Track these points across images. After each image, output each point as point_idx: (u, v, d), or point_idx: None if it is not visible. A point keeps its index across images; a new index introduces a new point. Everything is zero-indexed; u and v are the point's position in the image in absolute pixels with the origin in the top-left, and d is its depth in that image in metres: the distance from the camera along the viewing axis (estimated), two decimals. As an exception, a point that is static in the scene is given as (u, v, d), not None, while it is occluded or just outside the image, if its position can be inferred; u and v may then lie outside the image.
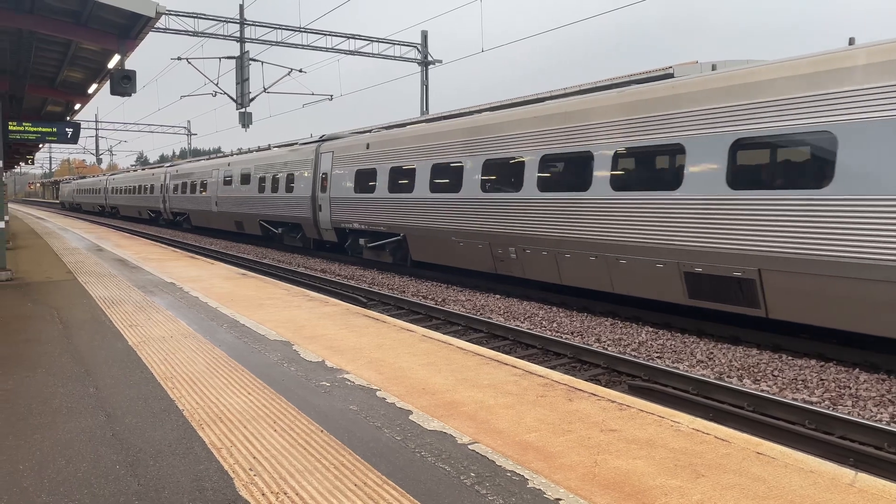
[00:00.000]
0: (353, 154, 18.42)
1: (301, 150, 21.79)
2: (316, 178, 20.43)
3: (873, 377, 7.62)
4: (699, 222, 9.11)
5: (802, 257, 7.94)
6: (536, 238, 11.92)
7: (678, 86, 9.63)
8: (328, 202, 19.56)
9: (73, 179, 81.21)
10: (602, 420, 4.18)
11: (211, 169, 29.79)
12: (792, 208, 8.05)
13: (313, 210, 20.54)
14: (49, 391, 4.82)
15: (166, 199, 36.48)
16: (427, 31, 32.74)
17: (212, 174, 29.46)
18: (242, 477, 3.37)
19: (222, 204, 28.14)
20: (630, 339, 9.65)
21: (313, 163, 20.69)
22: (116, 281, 10.90)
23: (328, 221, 19.72)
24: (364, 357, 5.79)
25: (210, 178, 29.60)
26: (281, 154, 23.32)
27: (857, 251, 7.45)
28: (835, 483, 3.25)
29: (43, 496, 3.17)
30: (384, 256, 17.68)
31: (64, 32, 11.10)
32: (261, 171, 24.50)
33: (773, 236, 8.21)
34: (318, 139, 21.57)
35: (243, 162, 26.48)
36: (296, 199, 21.54)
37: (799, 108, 8.03)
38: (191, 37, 27.60)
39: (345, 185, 18.59)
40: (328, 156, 19.85)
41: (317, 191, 20.32)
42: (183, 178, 33.59)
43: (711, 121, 9.00)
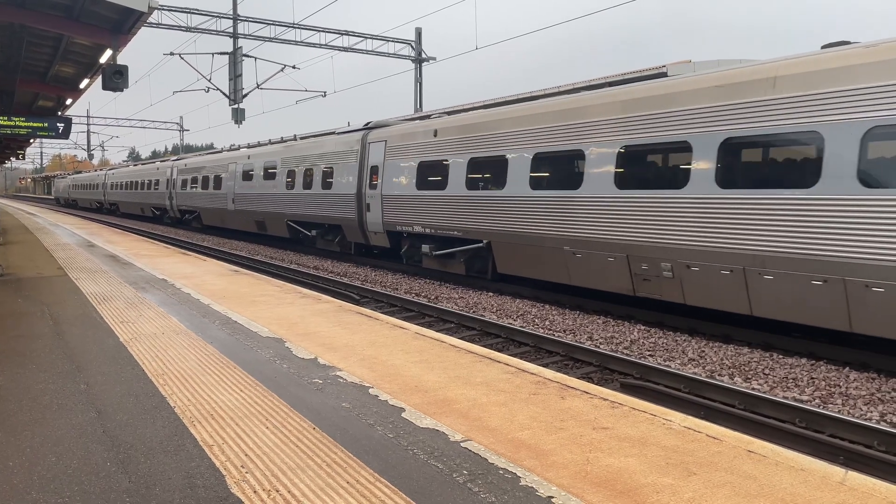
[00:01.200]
0: (415, 143, 15.40)
1: (343, 140, 18.77)
2: (363, 171, 17.50)
3: (863, 376, 7.67)
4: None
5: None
6: (714, 252, 8.99)
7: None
8: (379, 200, 16.55)
9: (68, 174, 78.51)
10: (594, 418, 4.19)
11: (226, 162, 26.96)
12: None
13: (358, 210, 17.64)
14: (39, 387, 4.79)
15: (173, 195, 33.73)
16: (421, 29, 32.70)
17: (227, 168, 26.66)
18: (234, 474, 3.36)
19: (240, 201, 25.24)
20: (622, 337, 9.68)
21: (358, 154, 17.77)
22: (108, 277, 10.84)
23: (378, 223, 16.72)
24: (357, 354, 5.79)
25: (225, 173, 26.78)
26: (316, 145, 20.32)
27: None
28: (825, 481, 3.27)
29: (33, 493, 3.15)
30: (453, 266, 14.86)
31: (56, 27, 11.03)
32: (290, 164, 21.46)
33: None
34: (363, 127, 18.45)
35: (267, 154, 23.54)
36: (335, 196, 18.65)
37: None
38: (184, 32, 27.44)
39: (402, 181, 15.71)
40: (379, 146, 16.82)
41: (364, 187, 17.38)
42: (193, 173, 30.80)
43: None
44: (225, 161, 27.28)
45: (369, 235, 17.51)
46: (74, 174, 73.15)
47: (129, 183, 43.11)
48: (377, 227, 16.92)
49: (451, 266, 14.89)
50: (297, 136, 25.92)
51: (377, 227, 16.92)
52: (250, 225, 24.99)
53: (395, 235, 16.57)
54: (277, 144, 24.41)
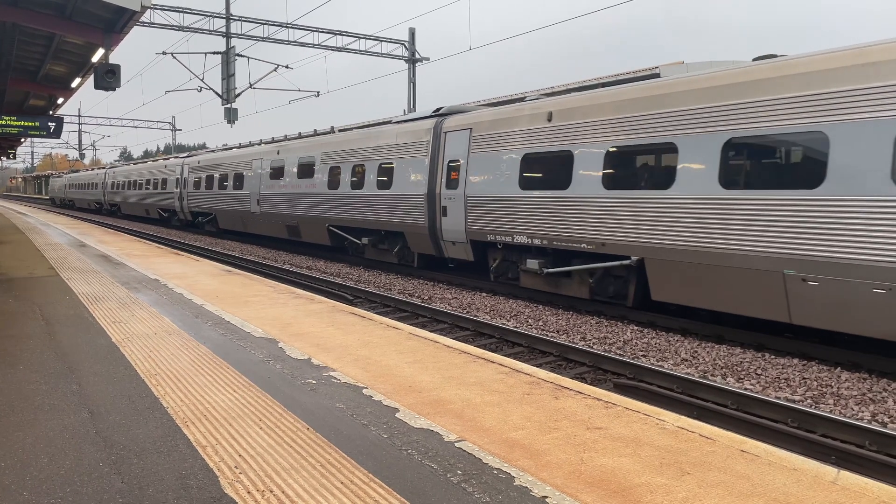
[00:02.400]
0: (517, 131, 12.30)
1: (407, 130, 15.73)
2: (436, 167, 14.49)
3: (855, 376, 7.71)
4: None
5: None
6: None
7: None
8: (461, 203, 13.52)
9: (64, 173, 75.08)
10: (588, 418, 4.20)
11: (250, 158, 23.97)
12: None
13: (429, 214, 14.58)
14: (31, 388, 4.77)
15: (184, 195, 30.63)
16: (414, 29, 32.70)
17: (251, 165, 23.63)
18: (228, 475, 3.35)
19: (268, 203, 22.14)
20: (615, 337, 9.70)
21: (429, 146, 14.72)
22: (100, 277, 10.79)
23: (459, 231, 13.67)
24: (350, 355, 5.78)
25: (248, 171, 23.79)
26: (368, 136, 17.32)
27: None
28: (817, 481, 3.28)
29: (25, 494, 3.13)
30: (570, 288, 11.77)
31: (48, 26, 10.99)
32: (333, 159, 18.55)
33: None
34: (433, 113, 15.55)
35: (303, 148, 20.52)
36: (396, 198, 15.68)
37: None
38: (176, 31, 27.36)
39: (497, 178, 12.66)
40: (460, 136, 13.80)
41: (437, 186, 14.35)
42: (208, 171, 27.77)
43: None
44: (248, 157, 24.30)
45: (444, 245, 14.39)
46: (71, 173, 70.01)
47: (132, 182, 40.29)
48: (457, 236, 13.79)
49: (567, 287, 11.89)
50: (336, 127, 23.13)
51: (457, 236, 13.79)
52: (279, 230, 21.92)
53: (482, 246, 13.57)
54: (315, 137, 21.51)
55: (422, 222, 14.82)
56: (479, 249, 13.67)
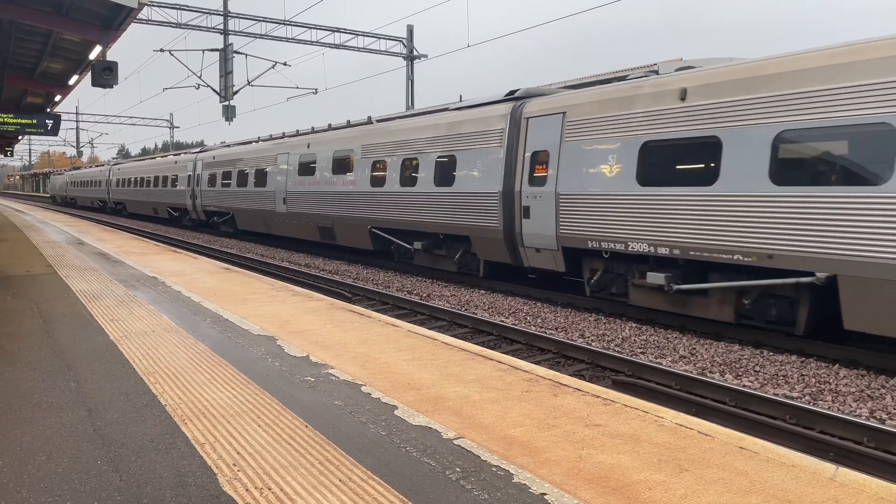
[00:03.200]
0: (629, 115, 10.23)
1: (475, 117, 13.56)
2: (514, 160, 12.35)
3: (853, 373, 7.72)
4: None
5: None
6: None
7: None
8: (550, 202, 11.40)
9: (65, 170, 72.98)
10: (587, 415, 4.20)
11: (274, 153, 21.93)
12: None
13: (505, 215, 12.48)
14: (29, 386, 4.76)
15: (197, 193, 28.67)
16: (413, 26, 32.67)
17: (276, 160, 21.60)
18: (226, 472, 3.34)
19: (296, 202, 20.11)
20: (614, 334, 9.71)
21: (505, 135, 12.61)
22: (97, 275, 10.78)
23: (548, 236, 11.51)
24: (349, 352, 5.77)
25: (272, 166, 21.78)
26: (423, 125, 15.22)
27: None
28: (816, 477, 3.28)
29: (23, 492, 3.12)
30: (704, 308, 9.61)
31: (45, 23, 10.97)
32: (376, 152, 16.57)
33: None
34: (507, 96, 13.38)
35: (339, 140, 18.47)
36: (461, 196, 13.55)
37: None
38: (174, 28, 27.32)
39: (603, 172, 10.58)
40: (549, 122, 11.64)
41: (517, 182, 12.20)
42: (224, 167, 25.68)
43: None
44: (272, 151, 22.23)
45: (525, 253, 12.25)
46: (72, 170, 67.02)
47: (138, 180, 38.11)
48: (543, 242, 11.67)
49: (701, 308, 9.63)
50: (374, 117, 20.80)
51: (543, 242, 11.67)
52: (310, 232, 19.90)
53: (576, 255, 11.45)
54: (352, 128, 19.22)
55: (495, 225, 12.72)
56: (572, 258, 11.45)
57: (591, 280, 11.28)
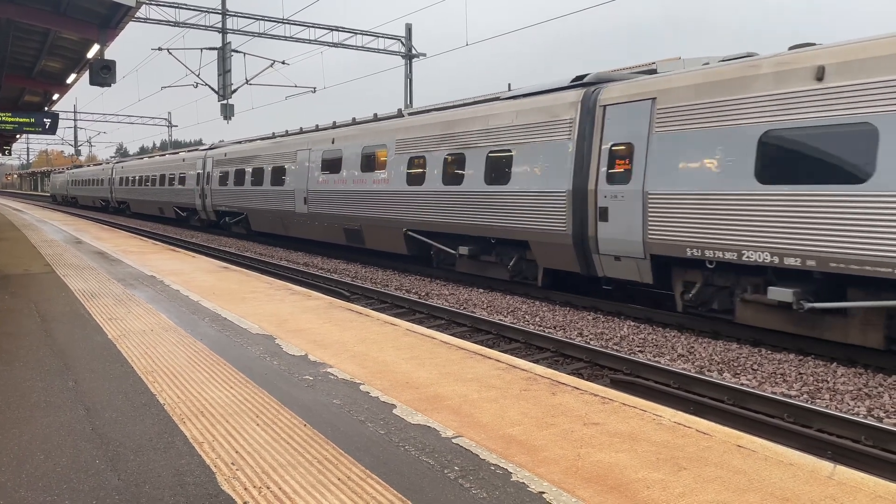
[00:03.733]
0: (742, 100, 8.75)
1: (533, 107, 12.01)
2: (586, 154, 10.82)
3: (850, 371, 7.74)
4: None
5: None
6: None
7: None
8: (636, 202, 9.89)
9: (66, 168, 71.26)
10: (585, 414, 4.20)
11: (294, 149, 20.43)
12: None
13: (575, 217, 10.97)
14: (27, 385, 4.76)
15: (206, 192, 27.16)
16: (411, 25, 32.65)
17: (296, 157, 20.13)
18: (224, 471, 3.34)
19: (319, 202, 18.62)
20: (612, 333, 9.71)
21: (574, 126, 11.08)
22: (96, 274, 10.77)
23: (633, 242, 9.97)
24: (348, 351, 5.78)
25: (292, 163, 20.24)
26: (470, 117, 13.53)
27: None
28: (814, 476, 3.29)
29: (21, 491, 3.12)
30: (842, 331, 8.20)
31: (43, 21, 10.96)
32: (413, 147, 15.00)
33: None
34: (573, 83, 11.75)
35: (368, 134, 16.98)
36: (517, 196, 12.08)
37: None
38: (172, 27, 27.27)
39: (708, 167, 9.02)
40: (635, 109, 10.10)
41: (591, 179, 10.67)
42: (237, 164, 24.20)
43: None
44: (291, 147, 20.66)
45: (599, 261, 10.74)
46: (73, 168, 65.14)
47: (143, 178, 36.46)
48: (625, 248, 10.14)
49: (838, 330, 8.23)
50: (405, 110, 19.07)
51: (625, 248, 10.14)
52: (334, 234, 18.41)
53: (665, 264, 9.92)
54: (383, 121, 17.60)
55: (562, 228, 11.20)
56: (661, 266, 9.94)
57: (688, 295, 9.69)
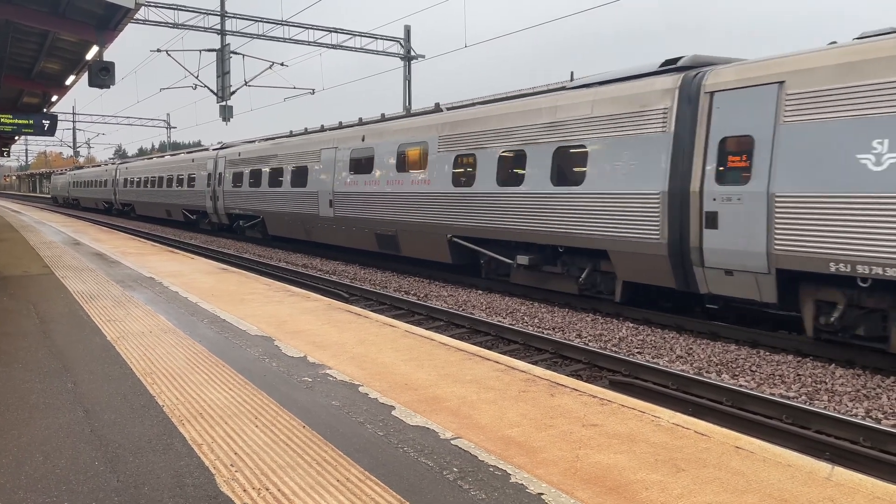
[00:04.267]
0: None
1: (615, 95, 10.53)
2: (686, 150, 9.35)
3: (849, 372, 7.74)
4: None
5: None
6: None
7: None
8: (758, 206, 8.45)
9: (68, 169, 69.71)
10: (584, 415, 4.21)
11: (317, 148, 19.01)
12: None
13: (672, 223, 9.51)
14: (26, 386, 4.75)
15: (218, 194, 25.90)
16: (410, 26, 32.67)
17: (319, 156, 18.75)
18: (224, 473, 3.35)
19: (347, 204, 17.21)
20: (611, 334, 9.72)
21: (671, 117, 9.59)
22: (94, 275, 10.76)
23: (754, 254, 8.50)
24: (346, 352, 5.78)
25: (316, 163, 18.87)
26: (534, 109, 12.01)
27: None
28: (812, 477, 3.30)
29: (20, 493, 3.12)
30: None
31: (42, 23, 10.96)
32: (461, 143, 13.54)
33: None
34: (663, 67, 10.28)
35: (405, 130, 15.45)
36: (594, 199, 10.64)
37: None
38: (171, 29, 27.28)
39: (859, 165, 7.59)
40: (755, 95, 8.60)
41: (694, 179, 9.18)
42: (253, 165, 22.81)
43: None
44: (314, 146, 19.23)
45: (704, 275, 9.22)
46: (75, 170, 63.71)
47: (149, 179, 35.08)
48: (743, 261, 8.63)
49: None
50: (444, 104, 17.16)
51: (743, 261, 8.63)
52: (364, 240, 16.92)
53: (792, 279, 8.44)
54: (423, 116, 16.04)
55: (653, 236, 9.73)
56: (787, 286, 8.51)
57: (823, 317, 8.20)
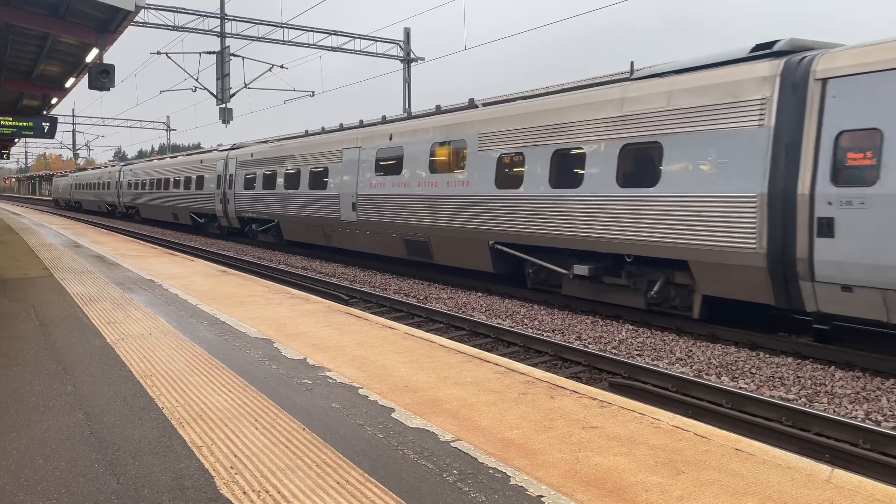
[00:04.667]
0: None
1: (698, 85, 9.41)
2: (790, 144, 8.33)
3: (848, 374, 7.74)
4: None
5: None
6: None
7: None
8: (893, 209, 7.39)
9: (70, 172, 68.47)
10: (583, 417, 4.20)
11: (339, 147, 17.82)
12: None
13: (772, 231, 8.47)
14: (26, 389, 4.75)
15: (229, 197, 25.02)
16: (409, 29, 32.71)
17: (341, 156, 17.59)
18: (223, 475, 3.34)
19: (372, 208, 16.10)
20: (610, 336, 9.72)
21: (770, 109, 8.54)
22: (94, 278, 10.76)
23: (890, 269, 7.42)
24: (346, 355, 5.78)
25: (338, 164, 17.72)
26: (583, 102, 11.10)
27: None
28: (812, 479, 3.30)
29: (20, 495, 3.12)
30: None
31: (42, 25, 10.97)
32: (503, 141, 12.46)
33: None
34: (756, 52, 9.24)
35: (439, 129, 14.16)
36: (670, 202, 9.61)
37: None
38: (171, 31, 27.30)
39: None
40: (889, 80, 7.50)
41: (800, 180, 8.18)
42: (267, 166, 21.94)
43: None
44: (335, 145, 18.09)
45: (812, 291, 8.19)
46: (77, 171, 62.25)
47: (155, 181, 33.96)
48: (870, 276, 7.61)
49: None
50: (479, 100, 15.95)
51: (870, 276, 7.61)
52: (391, 246, 15.82)
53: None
54: (460, 112, 14.41)
55: (748, 245, 8.65)
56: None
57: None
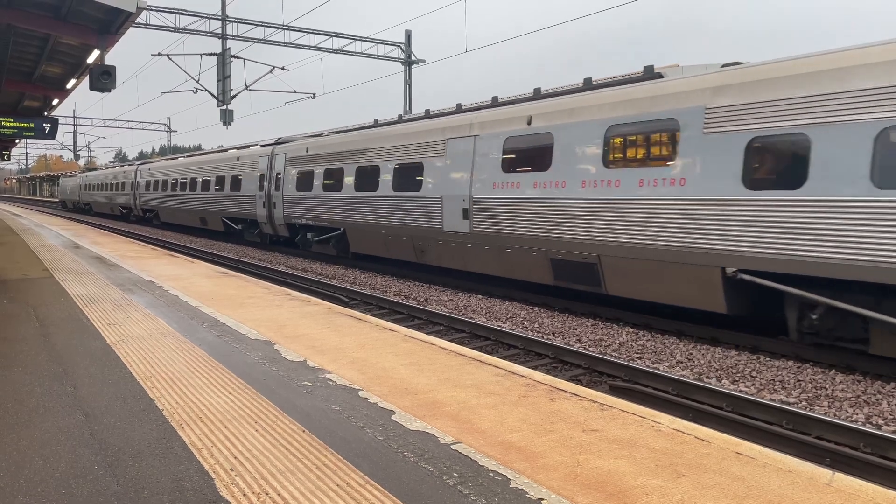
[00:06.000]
0: None
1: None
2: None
3: (849, 378, 7.74)
4: None
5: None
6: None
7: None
8: None
9: (78, 172, 65.32)
10: (584, 420, 4.20)
11: (441, 137, 14.12)
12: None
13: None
14: (25, 390, 4.75)
15: (276, 200, 21.27)
16: (410, 31, 32.75)
17: (446, 149, 13.94)
18: (223, 477, 3.34)
19: (492, 216, 12.54)
20: (611, 339, 9.71)
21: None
22: (94, 279, 10.76)
23: None
24: (346, 357, 5.77)
25: (438, 158, 14.12)
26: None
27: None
28: (812, 483, 3.29)
29: (20, 497, 3.12)
30: None
31: (43, 27, 10.98)
32: (764, 115, 8.31)
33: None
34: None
35: (617, 103, 10.38)
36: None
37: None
38: (172, 32, 27.33)
39: None
40: None
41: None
42: (329, 162, 18.32)
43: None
44: (435, 135, 14.38)
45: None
46: (87, 171, 58.91)
47: (179, 182, 30.60)
48: None
49: None
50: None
51: None
52: (526, 267, 12.08)
53: None
54: (643, 84, 10.48)
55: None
56: None
57: None
